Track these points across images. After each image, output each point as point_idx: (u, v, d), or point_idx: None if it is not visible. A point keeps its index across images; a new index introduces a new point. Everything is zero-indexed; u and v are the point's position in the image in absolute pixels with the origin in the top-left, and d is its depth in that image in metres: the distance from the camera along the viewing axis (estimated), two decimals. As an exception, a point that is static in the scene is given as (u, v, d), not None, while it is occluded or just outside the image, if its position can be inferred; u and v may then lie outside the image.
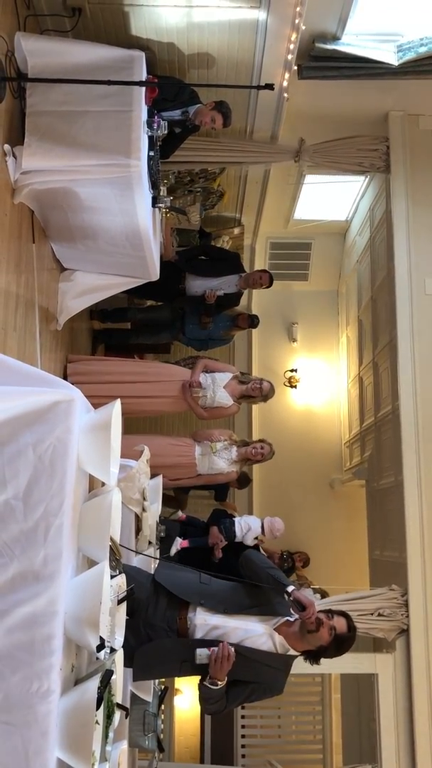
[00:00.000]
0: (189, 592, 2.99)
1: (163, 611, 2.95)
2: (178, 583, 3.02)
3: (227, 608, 2.96)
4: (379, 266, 6.93)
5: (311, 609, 2.90)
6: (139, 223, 4.31)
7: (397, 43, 5.43)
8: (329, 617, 2.96)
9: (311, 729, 7.81)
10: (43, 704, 1.94)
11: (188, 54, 4.99)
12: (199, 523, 5.42)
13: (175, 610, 2.95)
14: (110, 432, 2.24)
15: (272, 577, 3.00)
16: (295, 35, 4.89)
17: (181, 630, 2.93)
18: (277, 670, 2.99)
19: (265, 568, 3.04)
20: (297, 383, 8.61)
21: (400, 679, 5.63)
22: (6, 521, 2.06)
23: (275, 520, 5.43)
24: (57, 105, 3.94)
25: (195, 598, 2.97)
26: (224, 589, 3.06)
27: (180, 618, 2.94)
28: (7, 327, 3.90)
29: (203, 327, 6.27)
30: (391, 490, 6.31)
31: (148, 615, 2.94)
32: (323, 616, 2.95)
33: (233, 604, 2.98)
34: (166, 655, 2.94)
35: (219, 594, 3.01)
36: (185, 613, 2.94)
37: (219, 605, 2.96)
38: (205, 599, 2.97)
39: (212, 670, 2.84)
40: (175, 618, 2.94)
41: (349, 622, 3.00)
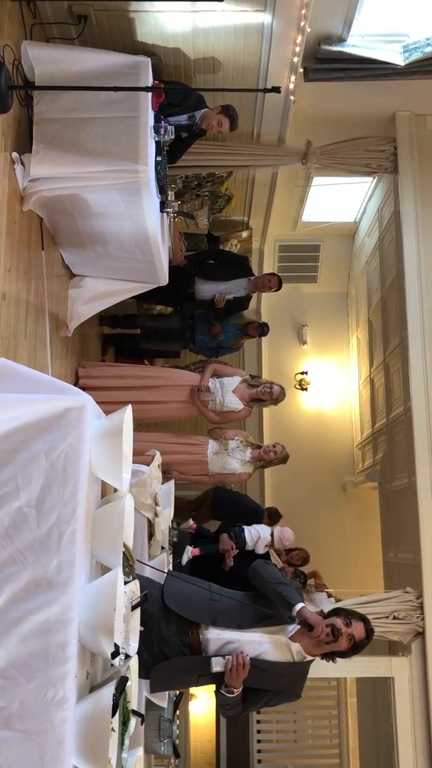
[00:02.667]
0: (200, 612, 2.94)
1: (175, 627, 2.92)
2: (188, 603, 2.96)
3: (240, 623, 2.93)
4: (389, 267, 6.90)
5: (319, 628, 2.85)
6: (148, 228, 4.32)
7: (403, 43, 5.41)
8: (347, 623, 2.91)
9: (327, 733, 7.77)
10: (59, 712, 1.94)
11: (194, 59, 5.00)
12: (209, 534, 5.40)
13: (187, 626, 2.92)
14: (122, 438, 2.24)
15: (279, 595, 2.93)
16: (300, 38, 4.89)
17: (193, 645, 2.90)
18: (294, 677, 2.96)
19: (273, 583, 2.97)
20: (308, 386, 8.59)
21: (416, 682, 5.60)
22: (19, 528, 2.06)
23: (285, 530, 5.41)
24: (64, 112, 3.95)
25: (206, 618, 2.93)
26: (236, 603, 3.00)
27: (192, 633, 2.91)
28: (17, 334, 3.91)
29: (213, 338, 6.28)
30: (405, 491, 6.27)
31: (161, 630, 2.90)
32: (341, 623, 2.91)
33: (246, 618, 2.94)
34: (182, 671, 2.92)
35: (231, 610, 2.96)
36: (197, 629, 2.91)
37: (232, 621, 2.93)
38: (217, 617, 2.93)
39: (227, 678, 2.82)
40: (188, 633, 2.91)
41: (367, 626, 2.96)
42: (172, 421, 6.87)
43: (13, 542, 2.05)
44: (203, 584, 3.10)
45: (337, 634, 2.87)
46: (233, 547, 5.09)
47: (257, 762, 7.34)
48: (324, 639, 2.87)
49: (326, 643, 2.88)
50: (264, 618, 2.95)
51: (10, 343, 3.78)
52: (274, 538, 5.34)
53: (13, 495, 2.08)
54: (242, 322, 6.53)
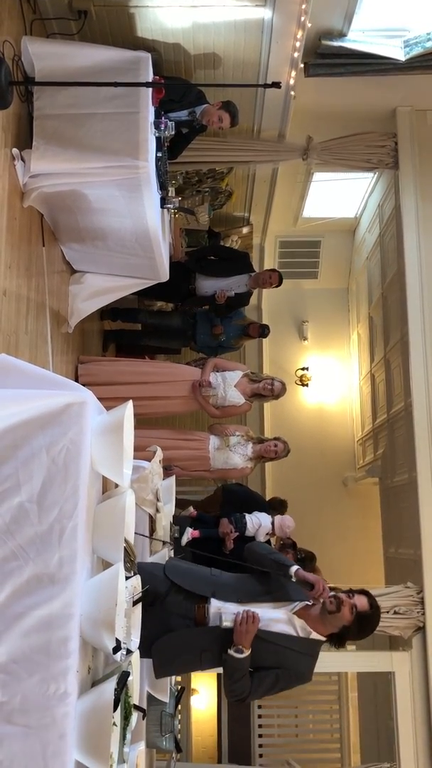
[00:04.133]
0: (200, 584, 3.00)
1: (180, 602, 2.96)
2: (189, 577, 3.04)
3: (240, 597, 2.96)
4: (389, 263, 6.90)
5: (319, 584, 2.91)
6: (148, 224, 4.31)
7: (403, 38, 5.40)
8: (350, 596, 2.94)
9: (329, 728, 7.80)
10: (61, 706, 1.95)
11: (194, 54, 4.99)
12: (209, 519, 5.42)
13: (192, 601, 2.96)
14: (123, 433, 2.24)
15: (275, 562, 3.02)
16: (301, 33, 4.87)
17: (198, 618, 2.93)
18: (301, 654, 2.96)
19: (267, 554, 3.07)
20: (308, 381, 8.59)
21: (417, 677, 5.61)
22: (20, 524, 2.07)
23: (285, 518, 5.43)
24: (64, 108, 3.95)
25: (207, 589, 2.98)
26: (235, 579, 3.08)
27: (198, 607, 2.94)
28: (18, 330, 3.91)
29: (214, 338, 6.29)
30: (405, 487, 6.28)
31: (166, 605, 2.94)
32: (343, 595, 2.94)
33: (246, 593, 2.98)
34: (184, 645, 2.94)
35: (230, 584, 3.02)
36: (203, 604, 2.95)
37: (232, 595, 2.97)
38: (218, 589, 2.98)
39: (236, 635, 2.82)
40: (193, 608, 2.94)
41: (371, 599, 2.97)
42: (173, 417, 6.88)
43: (14, 537, 2.05)
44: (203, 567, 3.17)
45: (338, 602, 2.89)
46: (233, 531, 5.11)
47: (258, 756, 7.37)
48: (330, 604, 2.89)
49: (329, 612, 2.89)
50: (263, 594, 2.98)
51: (11, 340, 3.78)
52: (274, 526, 5.35)
53: (15, 490, 2.09)
54: (243, 322, 6.54)
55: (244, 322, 6.54)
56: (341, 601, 2.90)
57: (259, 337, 6.69)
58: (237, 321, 6.42)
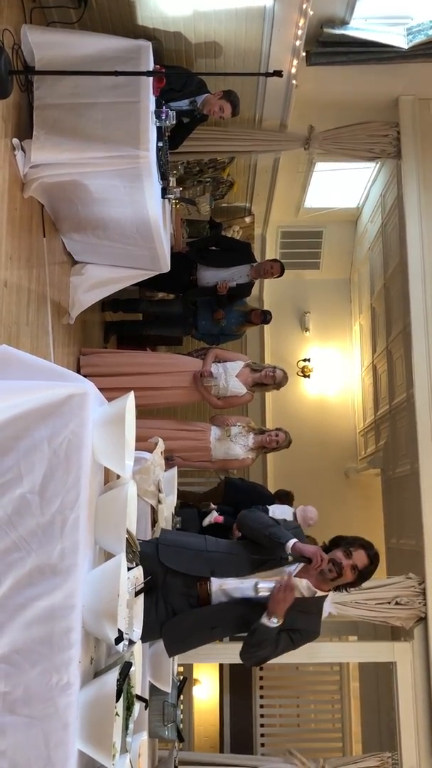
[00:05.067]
0: (197, 566, 2.97)
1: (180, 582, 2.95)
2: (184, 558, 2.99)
3: (239, 572, 2.95)
4: (392, 253, 6.87)
5: (317, 557, 2.87)
6: (149, 214, 4.30)
7: (406, 26, 5.35)
8: (348, 554, 2.93)
9: (330, 718, 7.84)
10: (63, 697, 1.95)
11: (195, 43, 4.95)
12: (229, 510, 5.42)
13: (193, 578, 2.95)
14: (124, 424, 2.24)
15: (269, 537, 2.96)
16: (302, 21, 4.83)
17: (201, 597, 2.93)
18: (310, 614, 2.97)
19: (261, 528, 2.99)
20: (310, 373, 8.59)
21: (418, 667, 5.62)
22: (22, 515, 2.07)
23: (308, 509, 5.38)
24: (64, 97, 3.92)
25: (204, 570, 2.96)
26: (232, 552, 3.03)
27: (201, 586, 2.93)
28: (19, 322, 3.90)
29: (216, 323, 6.28)
30: (407, 478, 6.28)
31: (166, 586, 2.93)
32: (342, 555, 2.92)
33: (244, 566, 2.96)
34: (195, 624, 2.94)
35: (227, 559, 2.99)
36: (205, 582, 2.94)
37: (231, 570, 2.95)
38: (215, 568, 2.95)
39: (273, 603, 2.80)
40: (194, 586, 2.93)
41: (369, 551, 2.98)
42: (174, 408, 6.88)
43: (16, 529, 2.05)
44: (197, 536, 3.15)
45: (339, 568, 2.89)
46: None
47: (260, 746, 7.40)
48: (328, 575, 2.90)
49: (331, 579, 2.90)
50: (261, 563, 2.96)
51: (12, 331, 3.77)
52: (297, 516, 5.33)
53: (16, 482, 2.09)
54: (245, 309, 6.52)
55: (245, 308, 6.52)
56: (341, 567, 2.90)
57: (261, 323, 6.67)
58: (238, 308, 6.41)
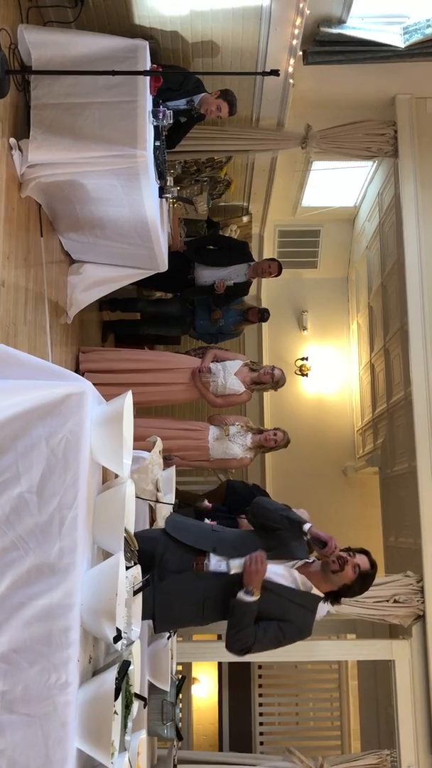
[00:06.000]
0: (200, 539, 3.01)
1: (178, 558, 2.97)
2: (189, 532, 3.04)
3: (240, 553, 2.96)
4: (389, 252, 6.88)
5: (332, 543, 2.91)
6: (147, 213, 4.30)
7: (403, 25, 5.35)
8: (351, 555, 2.97)
9: (329, 716, 7.85)
10: (62, 695, 1.96)
11: (192, 42, 4.95)
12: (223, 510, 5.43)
13: (191, 555, 2.97)
14: (122, 423, 2.24)
15: (286, 518, 3.00)
16: (299, 20, 4.84)
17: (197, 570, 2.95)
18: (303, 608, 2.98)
19: (277, 510, 3.04)
20: (308, 371, 8.59)
21: (416, 665, 5.64)
22: (21, 514, 2.07)
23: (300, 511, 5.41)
24: (61, 97, 3.92)
25: (207, 544, 2.99)
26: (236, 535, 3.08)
27: (197, 563, 2.95)
28: (17, 321, 3.90)
29: (213, 323, 6.29)
30: (405, 476, 6.29)
31: (164, 562, 2.95)
32: (345, 554, 2.96)
33: (246, 548, 2.97)
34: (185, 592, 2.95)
35: (231, 540, 3.03)
36: (202, 558, 2.96)
37: (232, 550, 2.97)
38: (218, 545, 2.99)
39: (247, 575, 2.83)
40: (192, 561, 2.96)
41: (370, 557, 3.01)
42: (172, 407, 6.88)
43: (14, 528, 2.06)
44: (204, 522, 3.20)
45: (342, 562, 2.91)
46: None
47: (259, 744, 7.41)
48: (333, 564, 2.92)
49: (333, 571, 2.92)
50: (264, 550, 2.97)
51: (9, 331, 3.78)
52: None
53: (14, 481, 2.09)
54: (242, 307, 6.53)
55: (243, 307, 6.52)
56: (345, 561, 2.93)
57: (258, 321, 6.67)
58: (236, 306, 6.41)
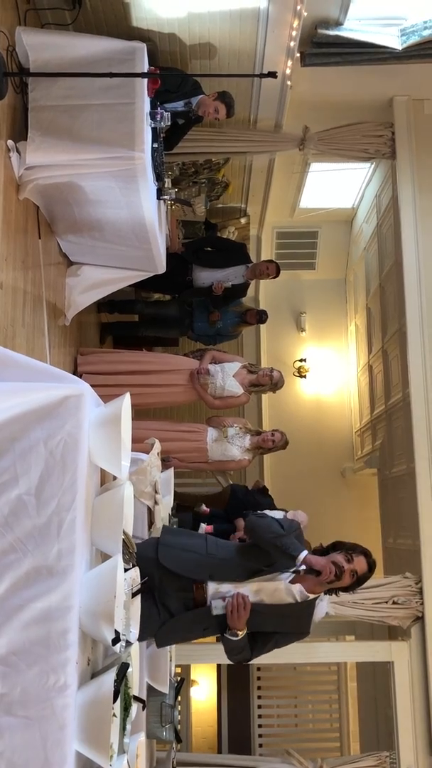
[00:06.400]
0: (196, 569, 2.96)
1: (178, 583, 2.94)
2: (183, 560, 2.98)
3: (237, 576, 2.94)
4: (387, 253, 6.88)
5: (326, 570, 2.86)
6: (145, 215, 4.30)
7: (400, 26, 5.36)
8: (349, 559, 2.91)
9: (328, 717, 7.84)
10: (60, 698, 1.95)
11: (190, 44, 4.96)
12: (221, 514, 5.44)
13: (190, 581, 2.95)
14: (120, 425, 2.24)
15: (279, 548, 2.93)
16: (297, 22, 4.84)
17: (197, 600, 2.92)
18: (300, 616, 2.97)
19: (271, 537, 2.95)
20: (306, 373, 8.59)
21: (415, 667, 5.63)
22: (19, 516, 2.07)
23: (298, 513, 5.44)
24: (59, 99, 3.92)
25: (203, 574, 2.95)
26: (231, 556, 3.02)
27: (197, 589, 2.93)
28: (15, 323, 3.90)
29: (212, 325, 6.28)
30: (403, 478, 6.29)
31: (163, 587, 2.93)
32: (343, 559, 2.90)
33: (243, 571, 2.95)
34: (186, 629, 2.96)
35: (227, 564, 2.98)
36: (201, 585, 2.93)
37: (229, 575, 2.95)
38: (214, 572, 2.95)
39: (230, 620, 2.82)
40: (191, 589, 2.93)
41: (369, 559, 2.96)
42: (171, 409, 6.88)
43: (12, 530, 2.05)
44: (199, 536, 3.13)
45: (339, 570, 2.88)
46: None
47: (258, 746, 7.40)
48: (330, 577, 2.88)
49: (329, 582, 2.89)
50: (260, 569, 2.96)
51: (8, 333, 3.78)
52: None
53: (12, 483, 2.09)
54: (241, 309, 6.53)
55: (241, 309, 6.53)
56: (342, 570, 2.88)
57: (257, 323, 6.68)
58: (234, 308, 6.42)
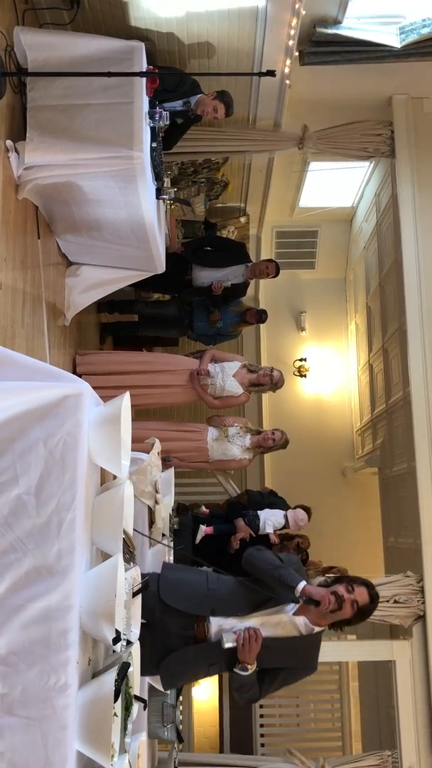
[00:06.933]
0: (197, 604, 2.92)
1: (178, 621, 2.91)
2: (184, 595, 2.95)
3: (239, 611, 2.91)
4: (387, 252, 6.88)
5: (325, 600, 2.84)
6: (144, 215, 4.30)
7: (399, 25, 5.35)
8: (350, 590, 2.89)
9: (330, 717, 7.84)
10: (61, 698, 1.95)
11: (188, 44, 4.95)
12: (221, 515, 5.44)
13: (192, 618, 2.91)
14: (120, 425, 2.24)
15: (278, 580, 2.91)
16: (295, 21, 4.84)
17: (198, 637, 2.89)
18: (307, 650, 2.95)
19: (270, 569, 2.94)
20: (307, 372, 8.59)
21: (417, 666, 5.63)
22: (19, 516, 2.06)
23: (297, 512, 5.44)
24: (58, 99, 3.92)
25: (205, 609, 2.91)
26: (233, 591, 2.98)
27: (198, 626, 2.89)
28: (15, 323, 3.90)
29: (211, 324, 6.28)
30: (404, 476, 6.29)
31: (164, 624, 2.89)
32: (343, 590, 2.89)
33: (245, 605, 2.93)
34: (190, 663, 2.91)
35: (228, 598, 2.94)
36: (202, 622, 2.90)
37: (231, 610, 2.92)
38: (216, 607, 2.92)
39: (241, 654, 2.79)
40: (192, 625, 2.90)
41: (371, 590, 2.94)
42: (171, 409, 6.88)
43: (12, 530, 2.05)
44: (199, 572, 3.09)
45: (340, 601, 2.86)
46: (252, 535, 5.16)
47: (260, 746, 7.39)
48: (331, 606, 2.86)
49: (331, 611, 2.87)
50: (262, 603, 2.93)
51: (7, 333, 3.77)
52: (288, 519, 5.38)
53: (12, 483, 2.09)
54: (240, 309, 6.53)
55: (241, 308, 6.53)
56: (343, 600, 2.86)
57: (256, 322, 6.68)
58: (234, 307, 6.41)
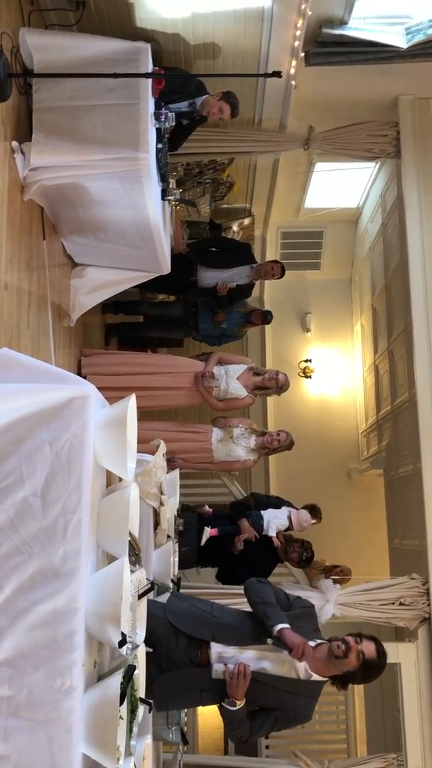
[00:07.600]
0: (199, 627, 2.95)
1: (184, 645, 2.93)
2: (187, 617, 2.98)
3: (240, 640, 2.92)
4: (392, 253, 6.86)
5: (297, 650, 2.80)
6: (149, 216, 4.29)
7: (405, 25, 5.34)
8: (357, 641, 2.87)
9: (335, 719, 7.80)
10: (67, 701, 1.94)
11: (194, 44, 4.95)
12: (225, 515, 5.44)
13: (196, 645, 2.93)
14: (126, 427, 2.23)
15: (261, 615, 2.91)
16: (301, 21, 4.83)
17: (201, 662, 2.91)
18: (302, 696, 2.93)
19: (257, 603, 2.96)
20: (312, 373, 8.58)
21: (423, 668, 5.61)
22: (24, 518, 2.06)
23: (301, 512, 5.43)
24: (64, 100, 3.92)
25: (206, 633, 2.93)
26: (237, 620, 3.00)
27: (201, 652, 2.91)
28: (20, 324, 3.90)
29: (216, 325, 6.28)
30: (410, 478, 6.27)
31: (169, 650, 2.91)
32: (351, 640, 2.87)
33: (247, 635, 2.93)
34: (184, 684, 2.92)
35: (231, 626, 2.96)
36: (206, 649, 2.92)
37: (232, 638, 2.92)
38: (217, 633, 2.93)
39: (229, 688, 2.80)
40: (197, 651, 2.91)
41: (379, 647, 2.90)
42: (176, 411, 6.87)
43: (18, 532, 2.05)
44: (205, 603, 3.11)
45: (347, 648, 2.83)
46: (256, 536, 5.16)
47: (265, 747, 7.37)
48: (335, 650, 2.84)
49: (336, 657, 2.84)
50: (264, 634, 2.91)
51: (12, 334, 3.77)
52: (292, 520, 5.37)
53: (18, 485, 2.08)
54: (245, 309, 6.52)
55: (246, 309, 6.52)
56: (349, 647, 2.84)
57: (262, 323, 6.67)
58: (239, 308, 6.41)
